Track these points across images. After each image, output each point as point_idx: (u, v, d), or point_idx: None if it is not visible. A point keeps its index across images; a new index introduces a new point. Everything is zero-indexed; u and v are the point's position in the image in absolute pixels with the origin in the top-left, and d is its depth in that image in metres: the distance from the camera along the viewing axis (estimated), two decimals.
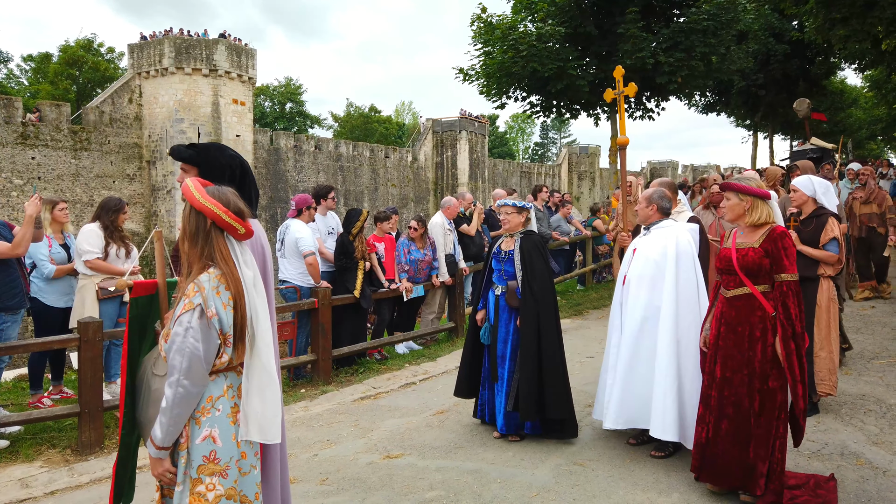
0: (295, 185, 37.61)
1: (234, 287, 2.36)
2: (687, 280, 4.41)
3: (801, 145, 19.43)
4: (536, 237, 5.09)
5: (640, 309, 4.50)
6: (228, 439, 2.36)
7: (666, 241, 4.50)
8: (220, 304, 2.33)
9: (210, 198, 2.39)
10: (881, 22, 16.44)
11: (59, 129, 29.13)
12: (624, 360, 4.56)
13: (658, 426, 4.27)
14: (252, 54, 34.90)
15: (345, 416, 5.82)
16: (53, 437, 5.32)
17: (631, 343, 4.54)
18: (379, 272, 7.82)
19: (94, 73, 47.69)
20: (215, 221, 2.38)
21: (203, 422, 2.35)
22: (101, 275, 5.97)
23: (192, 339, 2.26)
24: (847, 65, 28.17)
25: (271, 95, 66.79)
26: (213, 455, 2.33)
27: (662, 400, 4.27)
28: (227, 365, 2.40)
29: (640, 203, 4.75)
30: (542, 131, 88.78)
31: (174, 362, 2.27)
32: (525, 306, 4.83)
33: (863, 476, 4.07)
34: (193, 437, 2.34)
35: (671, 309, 4.35)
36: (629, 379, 4.51)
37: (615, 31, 17.35)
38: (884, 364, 6.44)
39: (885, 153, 52.48)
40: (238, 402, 2.41)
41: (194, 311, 2.29)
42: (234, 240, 2.45)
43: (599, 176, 64.54)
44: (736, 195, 3.84)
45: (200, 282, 2.33)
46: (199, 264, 2.39)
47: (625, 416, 4.51)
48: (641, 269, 4.55)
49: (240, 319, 2.36)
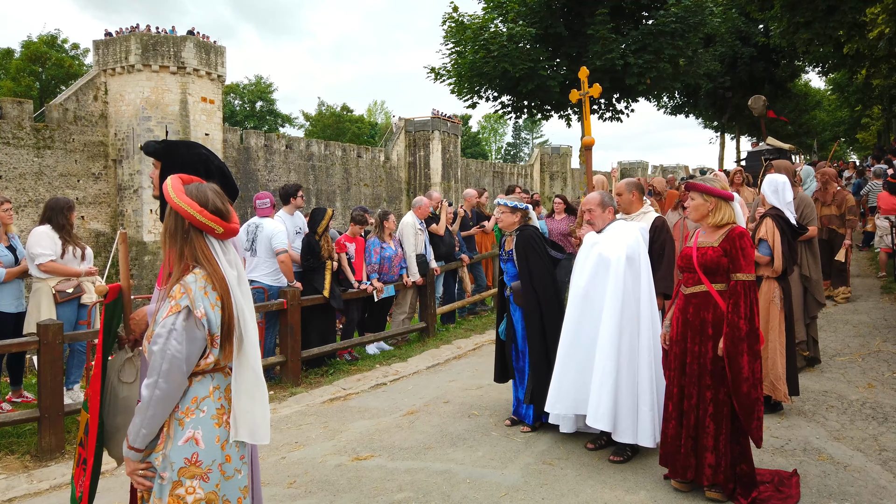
0: (266, 185, 37.23)
1: (221, 287, 2.31)
2: (631, 273, 4.42)
3: (756, 146, 19.67)
4: (529, 230, 5.14)
5: (579, 298, 4.54)
6: (212, 442, 2.31)
7: (616, 238, 4.54)
8: (209, 304, 2.28)
9: (186, 197, 2.31)
10: (842, 26, 16.87)
11: (22, 126, 28.41)
12: (565, 347, 4.59)
13: (591, 413, 4.32)
14: (221, 52, 34.45)
15: (314, 417, 5.76)
16: (12, 442, 5.17)
17: (571, 329, 4.58)
18: (348, 272, 7.76)
19: (58, 70, 46.66)
20: (191, 222, 2.31)
21: (187, 423, 2.29)
22: (55, 278, 5.80)
23: (174, 342, 2.22)
24: (811, 68, 28.87)
25: (241, 94, 66.03)
26: (196, 457, 2.28)
27: (599, 388, 4.30)
28: (214, 366, 2.35)
29: (592, 211, 4.70)
30: (514, 132, 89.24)
31: (154, 364, 2.23)
32: (527, 304, 5.00)
33: (825, 471, 4.15)
34: (176, 439, 2.28)
35: (616, 301, 4.36)
36: (568, 364, 4.56)
37: (585, 33, 17.51)
38: (845, 361, 6.58)
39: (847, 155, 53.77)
40: (224, 403, 2.37)
41: (180, 314, 2.24)
42: (215, 239, 2.38)
43: (571, 176, 65.10)
44: (701, 195, 3.90)
45: (187, 283, 2.28)
46: (180, 265, 2.33)
47: (570, 402, 4.54)
48: (593, 262, 4.55)
49: (227, 319, 2.32)
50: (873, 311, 8.71)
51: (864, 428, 4.85)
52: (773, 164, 6.81)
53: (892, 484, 3.94)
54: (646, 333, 4.36)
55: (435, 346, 8.46)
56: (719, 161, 36.71)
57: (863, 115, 39.01)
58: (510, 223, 5.13)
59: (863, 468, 4.17)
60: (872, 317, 8.36)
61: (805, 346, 6.25)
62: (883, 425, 4.88)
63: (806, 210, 6.22)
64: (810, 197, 7.25)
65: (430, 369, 7.39)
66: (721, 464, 3.68)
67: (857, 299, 9.45)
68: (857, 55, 18.08)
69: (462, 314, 10.29)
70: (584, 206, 4.79)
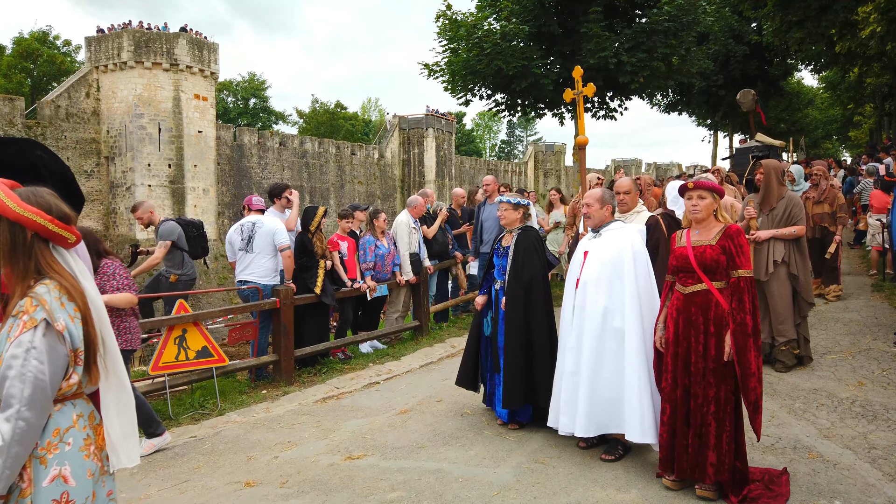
0: (259, 182, 37.13)
1: (79, 299, 2.05)
2: (645, 281, 4.38)
3: (745, 143, 19.66)
4: (533, 232, 5.19)
5: (600, 312, 4.35)
6: (83, 476, 2.04)
7: (620, 243, 4.41)
8: (68, 316, 2.01)
9: (27, 205, 2.01)
10: (835, 25, 16.94)
11: (13, 123, 28.23)
12: (588, 365, 4.38)
13: (636, 430, 4.12)
14: (214, 49, 34.31)
15: (307, 416, 5.76)
16: None
17: (594, 347, 4.36)
18: (341, 271, 7.76)
19: (50, 67, 46.39)
20: (38, 232, 2.03)
21: (50, 460, 1.99)
22: None
23: (34, 362, 1.91)
24: (803, 66, 28.98)
25: (234, 91, 65.78)
26: (66, 497, 2.00)
27: (639, 403, 4.12)
28: (76, 390, 2.07)
29: (591, 206, 4.58)
30: (508, 129, 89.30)
31: (13, 391, 1.89)
32: (511, 296, 4.97)
33: (814, 469, 4.18)
34: (39, 480, 1.97)
35: (635, 311, 4.25)
36: (595, 384, 4.35)
37: (578, 31, 17.50)
38: (836, 359, 6.62)
39: (839, 152, 54.02)
40: (90, 433, 2.11)
41: (37, 328, 1.93)
42: (63, 249, 2.12)
43: (565, 174, 65.19)
44: (711, 194, 3.90)
45: (39, 294, 1.98)
46: (22, 286, 2.03)
47: (595, 423, 4.36)
48: (598, 272, 4.40)
49: (91, 337, 2.07)
50: (864, 309, 8.76)
51: (853, 426, 4.88)
52: (761, 162, 6.82)
53: (880, 482, 3.97)
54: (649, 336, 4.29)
55: (428, 344, 8.47)
56: (712, 159, 36.86)
57: (855, 113, 39.24)
58: (513, 220, 5.15)
59: (852, 466, 4.20)
60: (863, 315, 8.40)
61: (795, 345, 6.29)
62: (872, 423, 4.91)
63: (794, 209, 6.26)
64: (799, 196, 7.28)
65: (424, 368, 7.40)
66: (724, 462, 3.68)
67: (849, 297, 9.49)
68: (850, 53, 18.18)
69: (455, 312, 10.31)
70: (585, 201, 4.69)
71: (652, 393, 4.17)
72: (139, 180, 31.04)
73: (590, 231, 4.68)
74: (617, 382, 4.26)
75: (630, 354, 4.22)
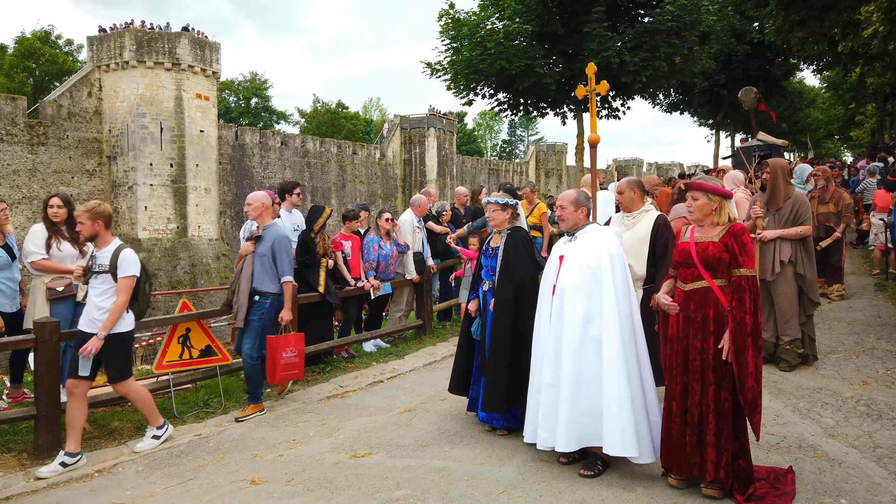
0: (261, 182, 37.15)
1: None
2: (623, 287, 4.19)
3: (746, 142, 19.62)
4: (523, 233, 5.10)
5: (579, 320, 4.14)
6: None
7: (597, 248, 4.23)
8: None
9: None
10: (837, 24, 16.94)
11: (15, 122, 28.28)
12: (569, 376, 4.14)
13: (616, 443, 3.93)
14: (216, 48, 34.32)
15: (311, 415, 5.77)
16: (9, 440, 5.17)
17: (573, 357, 4.14)
18: (344, 271, 7.76)
19: (52, 66, 46.35)
20: None
21: None
22: (49, 275, 5.78)
23: None
24: (805, 66, 28.96)
25: (236, 90, 65.77)
26: None
27: (619, 414, 3.94)
28: None
29: (565, 208, 4.39)
30: (510, 129, 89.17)
31: None
32: (500, 298, 4.86)
33: (820, 468, 4.18)
34: None
35: (614, 318, 4.06)
36: (576, 395, 4.12)
37: (581, 31, 17.52)
38: (840, 358, 6.62)
39: (841, 152, 53.96)
40: None
41: None
42: None
43: (566, 173, 65.14)
44: (705, 195, 3.90)
45: None
46: None
47: (576, 436, 4.13)
48: (577, 278, 4.20)
49: None
50: (868, 308, 8.75)
51: (858, 425, 4.88)
52: (767, 162, 6.81)
53: (886, 481, 3.97)
54: (640, 341, 4.20)
55: (432, 343, 8.47)
56: (714, 158, 36.80)
57: (857, 113, 39.18)
58: (502, 220, 5.03)
59: (857, 465, 4.20)
60: (867, 314, 8.40)
61: (800, 344, 6.29)
62: (877, 422, 4.91)
63: (801, 209, 6.25)
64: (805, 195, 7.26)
65: (427, 367, 7.41)
66: (722, 460, 3.69)
67: (852, 297, 9.49)
68: (852, 53, 18.16)
69: (458, 311, 10.30)
70: (558, 202, 4.54)
71: (633, 402, 3.99)
72: (141, 180, 31.06)
73: (564, 234, 4.51)
74: (597, 392, 4.06)
75: (609, 364, 4.02)
